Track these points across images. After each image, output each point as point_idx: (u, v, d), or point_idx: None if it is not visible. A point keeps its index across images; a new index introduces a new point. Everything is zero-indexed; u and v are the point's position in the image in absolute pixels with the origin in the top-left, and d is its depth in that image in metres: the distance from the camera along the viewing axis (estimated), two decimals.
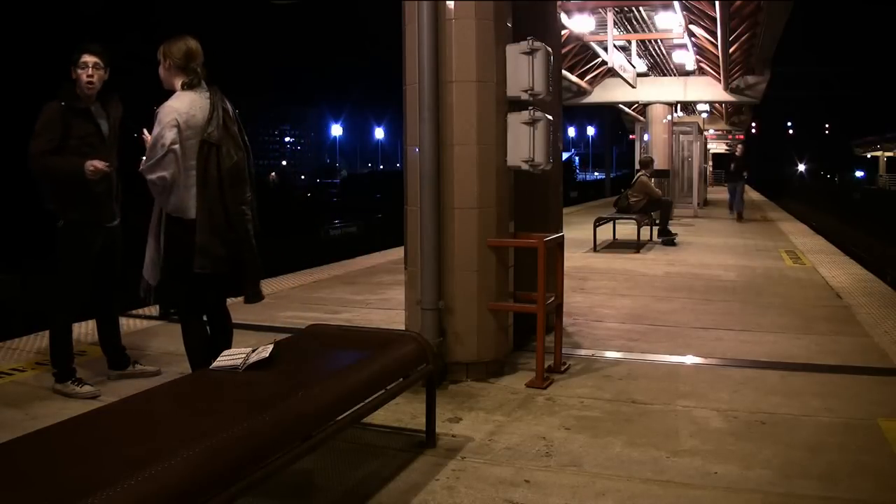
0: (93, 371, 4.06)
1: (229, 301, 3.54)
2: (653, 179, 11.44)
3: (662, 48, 15.94)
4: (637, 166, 13.08)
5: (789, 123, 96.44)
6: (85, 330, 4.98)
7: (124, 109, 3.97)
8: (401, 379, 2.91)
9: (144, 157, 3.24)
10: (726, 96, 17.51)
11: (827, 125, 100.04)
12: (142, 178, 3.25)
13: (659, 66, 17.57)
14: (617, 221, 11.01)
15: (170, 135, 3.16)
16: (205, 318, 3.49)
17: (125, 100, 3.97)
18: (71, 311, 3.89)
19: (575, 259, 8.79)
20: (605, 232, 10.93)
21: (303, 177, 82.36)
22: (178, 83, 3.31)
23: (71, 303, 3.87)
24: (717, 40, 12.41)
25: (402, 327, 4.22)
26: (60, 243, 3.77)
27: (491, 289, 4.03)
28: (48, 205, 3.79)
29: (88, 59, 3.72)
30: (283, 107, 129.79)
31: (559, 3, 6.72)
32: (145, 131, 3.34)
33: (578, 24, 12.11)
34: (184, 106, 3.23)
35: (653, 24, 13.34)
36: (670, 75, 17.94)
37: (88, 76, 3.71)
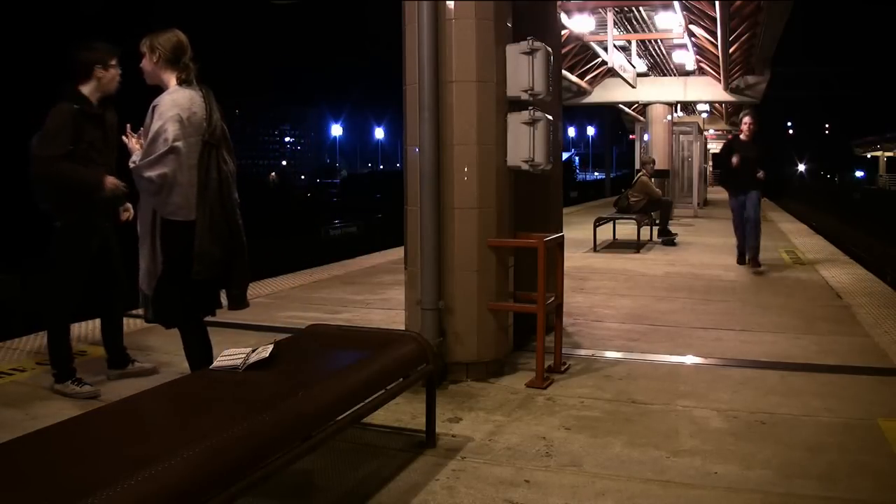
0: (93, 371, 4.06)
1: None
2: (653, 179, 11.44)
3: (662, 48, 15.96)
4: (637, 166, 13.08)
5: (789, 123, 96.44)
6: (85, 330, 4.99)
7: (123, 110, 3.94)
8: (401, 379, 2.90)
9: (138, 154, 3.09)
10: (726, 96, 17.56)
11: (827, 125, 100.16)
12: (132, 176, 3.11)
13: (659, 66, 17.59)
14: (617, 221, 11.01)
15: (173, 129, 3.00)
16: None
17: (125, 100, 3.94)
18: (66, 311, 3.87)
19: (575, 259, 8.79)
20: (605, 232, 10.93)
21: (303, 177, 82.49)
22: (169, 78, 3.16)
23: (66, 303, 3.85)
24: (717, 40, 12.42)
25: (402, 327, 4.22)
26: (58, 244, 3.75)
27: (491, 289, 4.03)
28: (42, 205, 3.76)
29: (116, 60, 3.77)
30: (283, 107, 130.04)
31: (559, 3, 6.72)
32: (125, 137, 3.22)
33: (578, 24, 12.13)
34: (185, 101, 3.08)
35: (653, 24, 13.37)
36: (670, 75, 17.97)
37: (121, 76, 3.77)
